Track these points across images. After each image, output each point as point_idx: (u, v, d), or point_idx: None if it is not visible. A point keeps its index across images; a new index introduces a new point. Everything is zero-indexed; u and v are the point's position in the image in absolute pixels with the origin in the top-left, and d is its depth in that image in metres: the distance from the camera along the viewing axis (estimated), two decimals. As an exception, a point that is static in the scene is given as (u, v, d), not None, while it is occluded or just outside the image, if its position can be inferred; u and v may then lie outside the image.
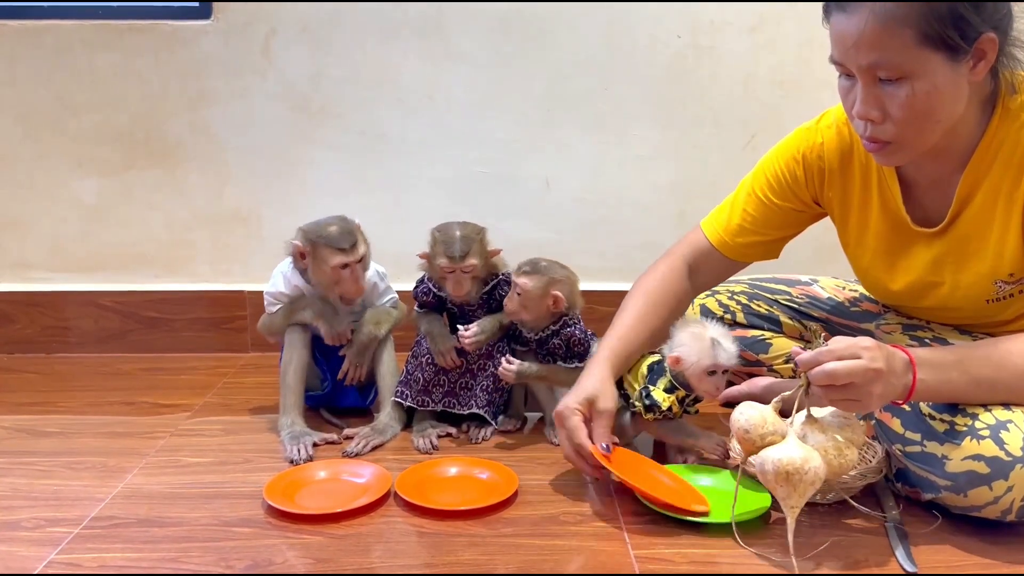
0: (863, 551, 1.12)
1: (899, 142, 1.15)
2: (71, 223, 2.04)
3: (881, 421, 1.27)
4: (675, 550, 1.12)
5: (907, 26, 1.06)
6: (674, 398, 1.33)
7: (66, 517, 1.21)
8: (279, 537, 1.15)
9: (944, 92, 1.11)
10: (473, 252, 1.48)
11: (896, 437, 1.23)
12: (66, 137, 2.00)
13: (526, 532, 1.17)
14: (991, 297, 1.26)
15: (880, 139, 1.16)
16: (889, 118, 1.13)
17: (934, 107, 1.11)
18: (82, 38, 1.95)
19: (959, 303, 1.30)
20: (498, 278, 1.55)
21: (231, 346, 2.05)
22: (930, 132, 1.14)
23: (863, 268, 1.41)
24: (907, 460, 1.21)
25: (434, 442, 1.46)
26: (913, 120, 1.12)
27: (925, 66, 1.08)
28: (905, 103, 1.10)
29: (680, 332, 1.34)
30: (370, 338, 1.54)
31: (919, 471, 1.19)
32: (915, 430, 1.19)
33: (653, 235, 2.00)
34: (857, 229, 1.38)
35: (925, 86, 1.09)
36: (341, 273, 1.47)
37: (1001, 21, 1.11)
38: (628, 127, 2.02)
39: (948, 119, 1.14)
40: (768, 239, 1.46)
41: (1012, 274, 1.22)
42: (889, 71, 1.09)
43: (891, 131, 1.14)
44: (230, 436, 1.52)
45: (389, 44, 1.97)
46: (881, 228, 1.33)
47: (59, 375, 1.91)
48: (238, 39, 1.96)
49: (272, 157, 2.02)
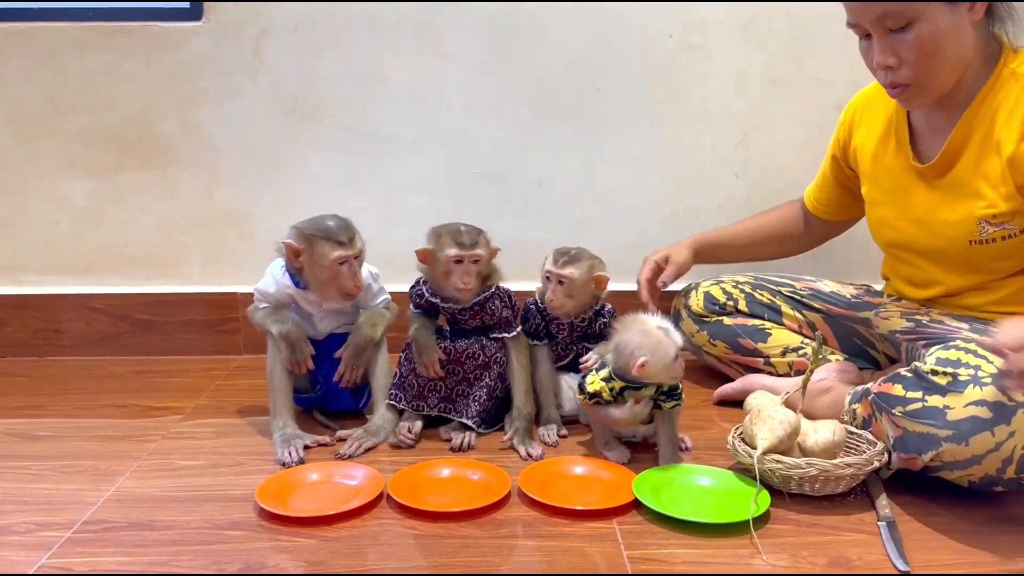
0: (855, 550, 1.12)
1: (916, 83, 1.32)
2: (62, 225, 2.03)
3: (881, 393, 1.28)
4: (668, 550, 1.12)
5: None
6: (603, 384, 1.35)
7: (57, 521, 1.20)
8: (271, 540, 1.15)
9: (948, 32, 1.28)
10: (481, 243, 1.48)
11: (896, 401, 1.24)
12: (57, 139, 1.99)
13: (519, 533, 1.17)
14: (974, 238, 1.38)
15: (900, 83, 1.33)
16: (904, 63, 1.30)
17: (940, 47, 1.28)
18: (72, 40, 1.95)
19: (946, 244, 1.41)
20: (492, 290, 1.52)
21: (224, 348, 2.05)
22: (941, 71, 1.31)
23: (876, 213, 1.56)
24: (908, 419, 1.21)
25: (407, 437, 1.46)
26: (924, 60, 1.29)
27: (926, 11, 1.26)
28: (915, 46, 1.28)
29: (627, 335, 1.33)
30: (367, 340, 1.53)
31: (920, 427, 1.19)
32: (916, 389, 1.22)
33: (645, 234, 2.01)
34: (873, 171, 1.54)
35: (929, 27, 1.27)
36: (339, 269, 1.45)
37: None
38: (620, 126, 2.01)
39: (956, 59, 1.31)
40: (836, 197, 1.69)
41: (995, 216, 1.35)
42: (896, 19, 1.27)
43: (907, 74, 1.31)
44: (222, 439, 1.52)
45: (381, 44, 1.97)
46: (894, 167, 1.49)
47: (51, 378, 1.90)
48: (229, 40, 1.96)
49: (264, 158, 2.01)
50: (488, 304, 1.52)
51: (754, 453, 1.24)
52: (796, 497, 1.25)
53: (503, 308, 1.52)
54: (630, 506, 1.23)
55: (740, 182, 2.02)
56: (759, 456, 1.24)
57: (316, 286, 1.48)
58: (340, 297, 1.49)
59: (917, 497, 1.27)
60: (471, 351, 1.52)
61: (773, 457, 1.24)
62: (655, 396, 1.36)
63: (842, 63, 1.98)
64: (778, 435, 1.25)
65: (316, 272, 1.46)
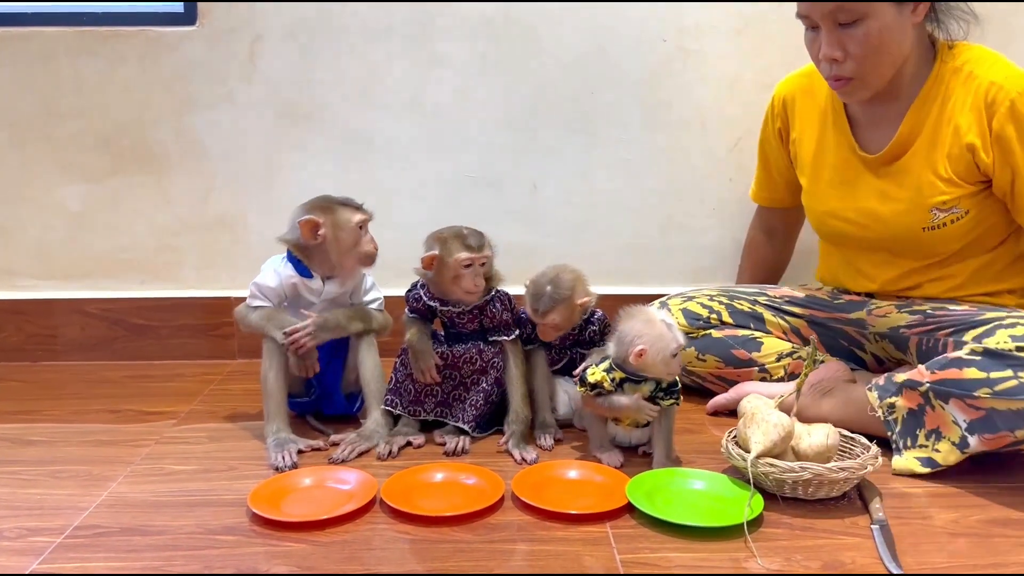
0: (849, 553, 1.11)
1: (859, 77, 1.41)
2: (56, 230, 2.03)
3: (945, 380, 1.30)
4: (661, 554, 1.12)
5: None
6: (604, 374, 1.37)
7: (49, 526, 1.20)
8: (264, 545, 1.15)
9: (893, 31, 1.37)
10: (487, 244, 1.49)
11: (977, 384, 1.27)
12: (51, 144, 1.99)
13: (512, 537, 1.16)
14: (927, 225, 1.47)
15: (843, 76, 1.42)
16: (849, 56, 1.39)
17: (885, 43, 1.37)
18: (66, 44, 1.95)
19: (899, 231, 1.49)
20: (492, 292, 1.52)
21: (218, 353, 2.05)
22: (884, 66, 1.40)
23: (820, 206, 1.62)
24: (1000, 399, 1.24)
25: (393, 451, 1.45)
26: (869, 55, 1.38)
27: (875, 9, 1.35)
28: (862, 40, 1.36)
29: (629, 324, 1.37)
30: (335, 326, 1.52)
31: (1020, 404, 1.23)
32: (1000, 369, 1.26)
33: (640, 238, 2.01)
34: (814, 163, 1.61)
35: (877, 24, 1.36)
36: (360, 233, 1.51)
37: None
38: (614, 130, 2.02)
39: (898, 56, 1.41)
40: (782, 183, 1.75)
41: (945, 202, 1.44)
42: (847, 14, 1.35)
43: (851, 67, 1.40)
44: (215, 443, 1.51)
45: (375, 49, 1.97)
46: (836, 160, 1.56)
47: (45, 383, 1.90)
48: (223, 45, 1.96)
49: (258, 163, 2.01)
50: (488, 307, 1.52)
51: (748, 456, 1.24)
52: (790, 501, 1.25)
53: (503, 311, 1.52)
54: (624, 510, 1.23)
55: (734, 186, 2.02)
56: (753, 459, 1.23)
57: (339, 257, 1.52)
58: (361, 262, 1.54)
59: (911, 500, 1.27)
60: (468, 356, 1.52)
61: (767, 461, 1.24)
62: (654, 392, 1.36)
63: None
64: (772, 439, 1.25)
65: (339, 243, 1.51)
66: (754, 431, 1.27)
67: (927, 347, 1.44)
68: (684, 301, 1.71)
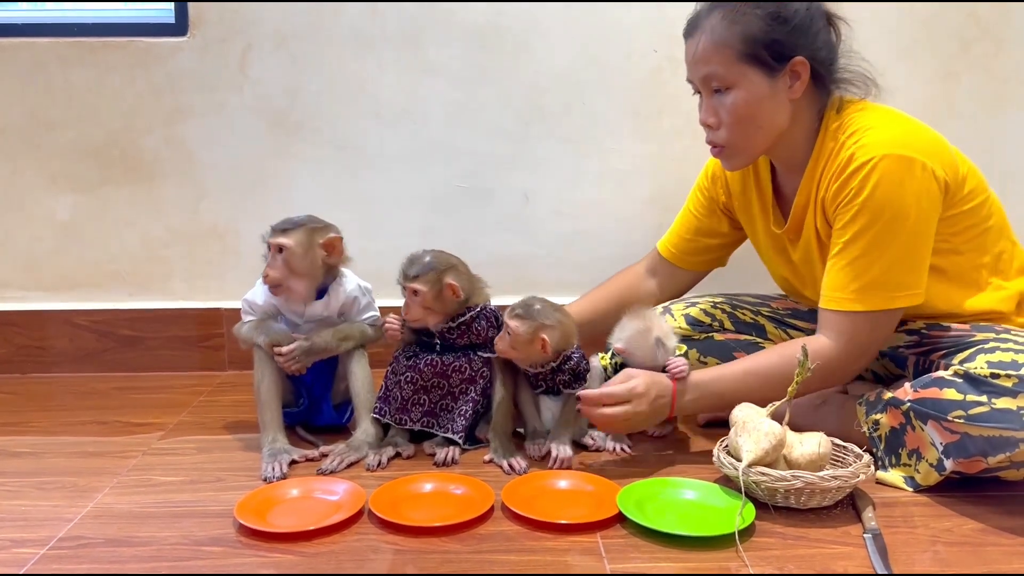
0: (841, 562, 1.11)
1: (731, 145, 1.42)
2: (45, 240, 2.02)
3: (924, 399, 1.29)
4: (652, 564, 1.11)
5: (729, 45, 1.35)
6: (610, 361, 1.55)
7: (33, 538, 1.18)
8: (250, 556, 1.13)
9: (763, 102, 1.37)
10: (425, 279, 1.46)
11: (953, 406, 1.25)
12: (40, 154, 1.98)
13: (501, 548, 1.15)
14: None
15: (717, 143, 1.43)
16: (722, 124, 1.40)
17: (754, 114, 1.37)
18: (57, 55, 1.94)
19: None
20: (478, 310, 1.52)
21: (208, 364, 2.04)
22: (754, 137, 1.40)
23: (768, 266, 1.65)
24: (973, 424, 1.22)
25: (383, 462, 1.44)
26: (737, 124, 1.38)
27: (745, 78, 1.36)
28: (731, 109, 1.37)
29: (629, 323, 1.46)
30: (324, 347, 1.52)
31: (990, 432, 1.21)
32: (977, 393, 1.23)
33: (632, 248, 2.00)
34: (754, 232, 1.62)
35: (745, 95, 1.36)
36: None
37: (818, 51, 1.37)
38: (606, 140, 2.02)
39: (770, 127, 1.40)
40: (702, 246, 1.70)
41: None
42: (718, 81, 1.37)
43: (723, 135, 1.41)
44: (203, 455, 1.50)
45: (366, 58, 1.97)
46: (765, 231, 1.57)
47: (33, 395, 1.88)
48: (214, 55, 1.95)
49: (249, 172, 2.00)
50: (474, 324, 1.51)
51: (739, 465, 1.23)
52: (782, 510, 1.25)
53: (488, 328, 1.52)
54: (614, 520, 1.22)
55: (726, 195, 2.02)
56: (744, 468, 1.23)
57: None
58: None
59: (904, 510, 1.26)
60: (458, 364, 1.51)
61: (759, 469, 1.23)
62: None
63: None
64: (763, 447, 1.24)
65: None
66: (746, 440, 1.26)
67: (922, 368, 1.43)
68: (687, 307, 1.70)
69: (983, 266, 1.43)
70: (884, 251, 1.31)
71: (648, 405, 1.38)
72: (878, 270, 1.32)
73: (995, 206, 1.44)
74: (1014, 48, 2.01)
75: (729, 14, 1.35)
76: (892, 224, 1.30)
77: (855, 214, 1.32)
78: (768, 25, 1.34)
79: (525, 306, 1.46)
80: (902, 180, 1.30)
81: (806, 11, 1.36)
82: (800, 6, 1.36)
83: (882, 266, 1.32)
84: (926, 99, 2.02)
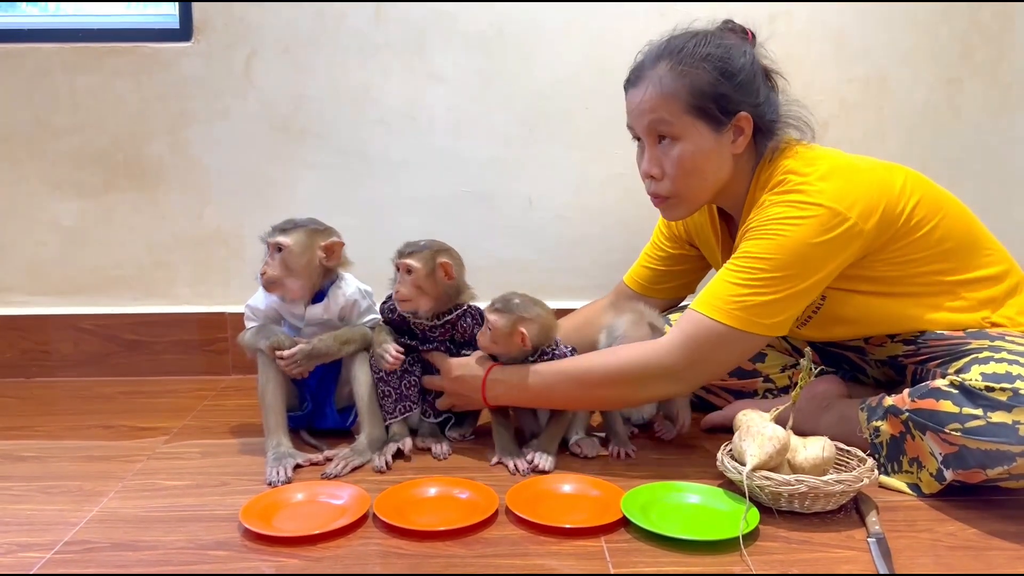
0: (845, 567, 1.11)
1: (675, 196, 1.42)
2: (50, 246, 2.03)
3: (921, 410, 1.28)
4: (656, 568, 1.11)
5: (677, 96, 1.36)
6: None
7: (39, 542, 1.19)
8: (255, 560, 1.13)
9: (709, 155, 1.38)
10: (420, 256, 1.47)
11: (949, 418, 1.24)
12: (45, 160, 1.99)
13: (505, 552, 1.15)
14: (800, 320, 1.48)
15: (660, 194, 1.43)
16: (666, 175, 1.40)
17: (699, 166, 1.38)
18: (62, 61, 1.95)
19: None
20: (464, 308, 1.53)
21: (212, 369, 2.04)
22: (699, 188, 1.41)
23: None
24: (969, 437, 1.21)
25: (389, 461, 1.46)
26: (683, 175, 1.39)
27: (692, 130, 1.37)
28: (677, 160, 1.38)
29: (619, 320, 1.49)
30: (326, 351, 1.52)
31: (987, 445, 1.20)
32: (973, 406, 1.22)
33: (635, 253, 2.00)
34: (716, 263, 1.62)
35: (691, 147, 1.37)
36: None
37: (760, 106, 1.39)
38: (609, 145, 2.02)
39: (714, 179, 1.41)
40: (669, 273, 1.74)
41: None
42: (664, 128, 1.37)
43: (667, 186, 1.41)
44: (208, 459, 1.50)
45: (370, 64, 1.98)
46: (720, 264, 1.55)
47: (38, 399, 1.89)
48: (219, 60, 1.96)
49: (253, 178, 2.01)
50: (460, 322, 1.52)
51: (743, 469, 1.23)
52: (786, 514, 1.25)
53: (474, 326, 1.53)
54: (618, 524, 1.22)
55: (729, 200, 2.02)
56: (748, 472, 1.23)
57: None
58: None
59: (908, 514, 1.26)
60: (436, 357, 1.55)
61: (762, 474, 1.23)
62: None
63: (828, 82, 2.00)
64: (767, 451, 1.24)
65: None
66: (749, 444, 1.26)
67: (920, 376, 1.43)
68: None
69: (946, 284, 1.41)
70: (766, 276, 1.31)
71: (450, 383, 1.51)
72: (751, 291, 1.31)
73: (952, 227, 1.40)
74: (1017, 53, 2.02)
75: (677, 66, 1.36)
76: (785, 257, 1.30)
77: (756, 236, 1.33)
78: (716, 79, 1.35)
79: (504, 300, 1.47)
80: (812, 225, 1.30)
81: (750, 67, 1.38)
82: (744, 61, 1.38)
83: (757, 289, 1.31)
84: (928, 104, 2.03)
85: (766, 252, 1.31)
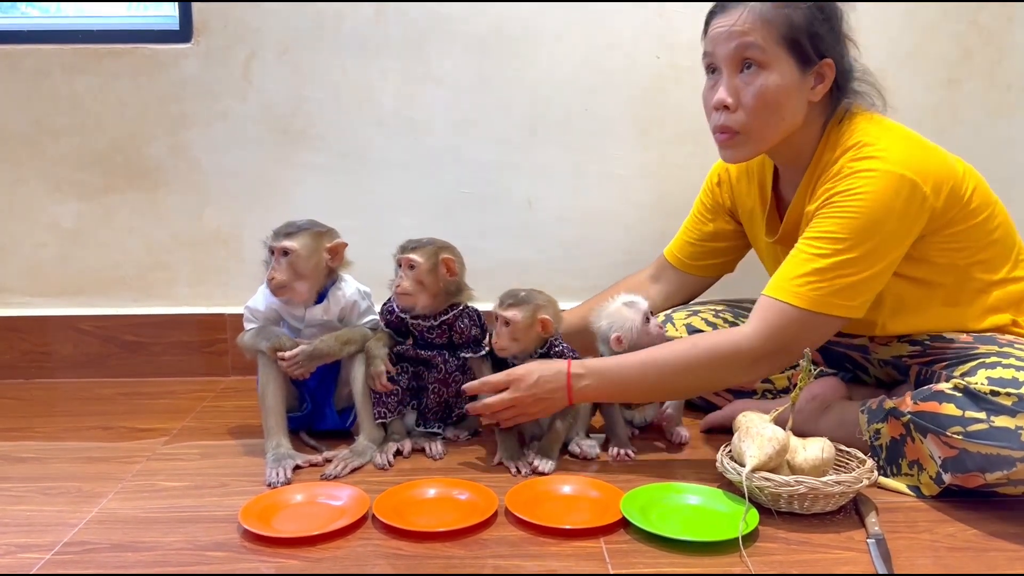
0: (845, 568, 1.11)
1: (746, 132, 1.36)
2: (50, 247, 2.03)
3: (923, 412, 1.28)
4: (655, 569, 1.11)
5: (775, 23, 1.31)
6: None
7: (38, 543, 1.19)
8: (255, 561, 1.13)
9: (790, 92, 1.34)
10: (423, 251, 1.48)
11: (952, 421, 1.24)
12: (45, 161, 1.99)
13: (505, 553, 1.15)
14: None
15: (731, 128, 1.37)
16: (742, 106, 1.35)
17: (780, 102, 1.33)
18: (61, 62, 1.95)
19: None
20: (461, 308, 1.53)
21: (212, 370, 2.04)
22: (772, 127, 1.36)
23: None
24: (971, 441, 1.21)
25: (390, 459, 1.46)
26: (761, 108, 1.34)
27: (779, 62, 1.32)
28: (758, 91, 1.33)
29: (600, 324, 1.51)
30: (328, 352, 1.51)
31: (989, 450, 1.20)
32: (976, 409, 1.22)
33: (635, 254, 2.01)
34: (755, 239, 1.63)
35: (776, 79, 1.32)
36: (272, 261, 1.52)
37: (842, 59, 1.37)
38: (609, 147, 2.02)
39: (789, 121, 1.36)
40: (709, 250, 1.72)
41: None
42: (753, 54, 1.32)
43: (741, 119, 1.36)
44: (207, 460, 1.50)
45: (369, 66, 1.98)
46: (762, 239, 1.58)
47: (37, 400, 1.89)
48: (218, 62, 1.96)
49: (252, 179, 2.01)
50: (457, 323, 1.52)
51: (743, 470, 1.23)
52: (785, 515, 1.25)
53: (472, 327, 1.53)
54: (618, 525, 1.22)
55: (729, 201, 2.02)
56: (748, 473, 1.23)
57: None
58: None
59: (907, 515, 1.26)
60: (432, 361, 1.55)
61: (762, 475, 1.23)
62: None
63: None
64: (767, 452, 1.24)
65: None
66: (749, 445, 1.26)
67: (924, 377, 1.43)
68: (689, 316, 1.70)
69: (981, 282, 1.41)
70: (846, 257, 1.30)
71: (528, 390, 1.39)
72: (832, 273, 1.30)
73: (1001, 221, 1.42)
74: (1016, 55, 2.02)
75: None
76: (864, 236, 1.29)
77: (833, 214, 1.31)
78: (813, 17, 1.32)
79: (512, 295, 1.49)
80: (891, 198, 1.28)
81: (842, 17, 1.37)
82: (840, 10, 1.36)
83: (837, 271, 1.30)
84: (928, 106, 2.03)
85: (844, 231, 1.29)
